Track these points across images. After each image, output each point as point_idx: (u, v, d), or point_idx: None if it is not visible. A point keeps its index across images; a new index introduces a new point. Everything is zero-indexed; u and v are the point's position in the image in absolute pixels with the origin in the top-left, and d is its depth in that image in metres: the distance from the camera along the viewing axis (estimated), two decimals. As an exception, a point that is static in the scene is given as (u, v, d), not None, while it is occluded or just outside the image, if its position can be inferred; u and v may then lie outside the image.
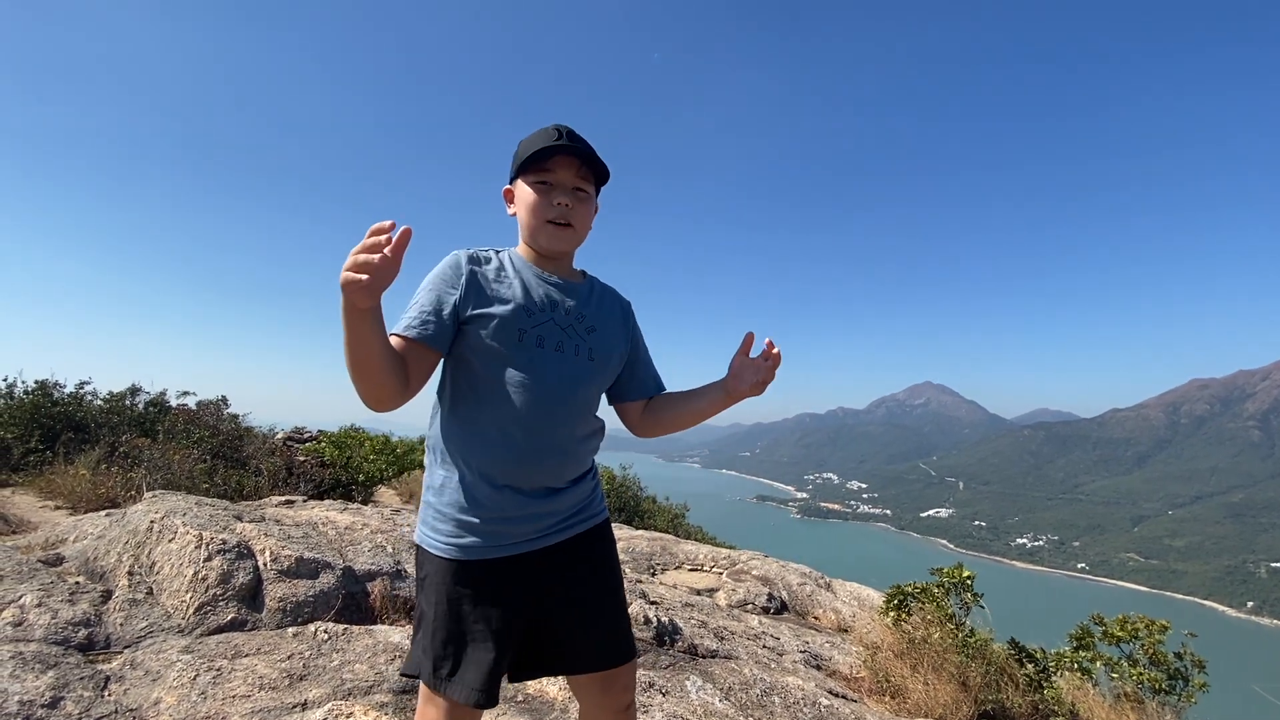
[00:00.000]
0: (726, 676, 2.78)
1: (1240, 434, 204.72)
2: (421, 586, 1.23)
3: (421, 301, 1.20)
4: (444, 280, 1.21)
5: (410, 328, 1.16)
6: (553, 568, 1.25)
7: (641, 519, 9.95)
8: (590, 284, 1.38)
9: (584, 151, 1.23)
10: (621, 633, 1.32)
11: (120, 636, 2.26)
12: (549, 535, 1.24)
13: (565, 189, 1.25)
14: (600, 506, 1.38)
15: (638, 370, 1.44)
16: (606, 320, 1.34)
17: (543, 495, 1.23)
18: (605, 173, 1.30)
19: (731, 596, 4.51)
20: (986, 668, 3.02)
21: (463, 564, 1.18)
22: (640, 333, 1.47)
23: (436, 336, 1.17)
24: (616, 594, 1.34)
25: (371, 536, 3.46)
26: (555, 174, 1.24)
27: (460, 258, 1.24)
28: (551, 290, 1.28)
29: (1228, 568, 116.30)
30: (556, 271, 1.32)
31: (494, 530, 1.19)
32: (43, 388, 6.59)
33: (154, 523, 2.80)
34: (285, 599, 2.62)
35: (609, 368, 1.33)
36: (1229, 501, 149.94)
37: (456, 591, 1.17)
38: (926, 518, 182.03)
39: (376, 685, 2.16)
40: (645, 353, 1.47)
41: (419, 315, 1.18)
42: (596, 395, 1.33)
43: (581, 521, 1.30)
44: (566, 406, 1.23)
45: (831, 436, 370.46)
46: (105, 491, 4.83)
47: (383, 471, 7.28)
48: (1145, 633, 3.40)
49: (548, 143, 1.22)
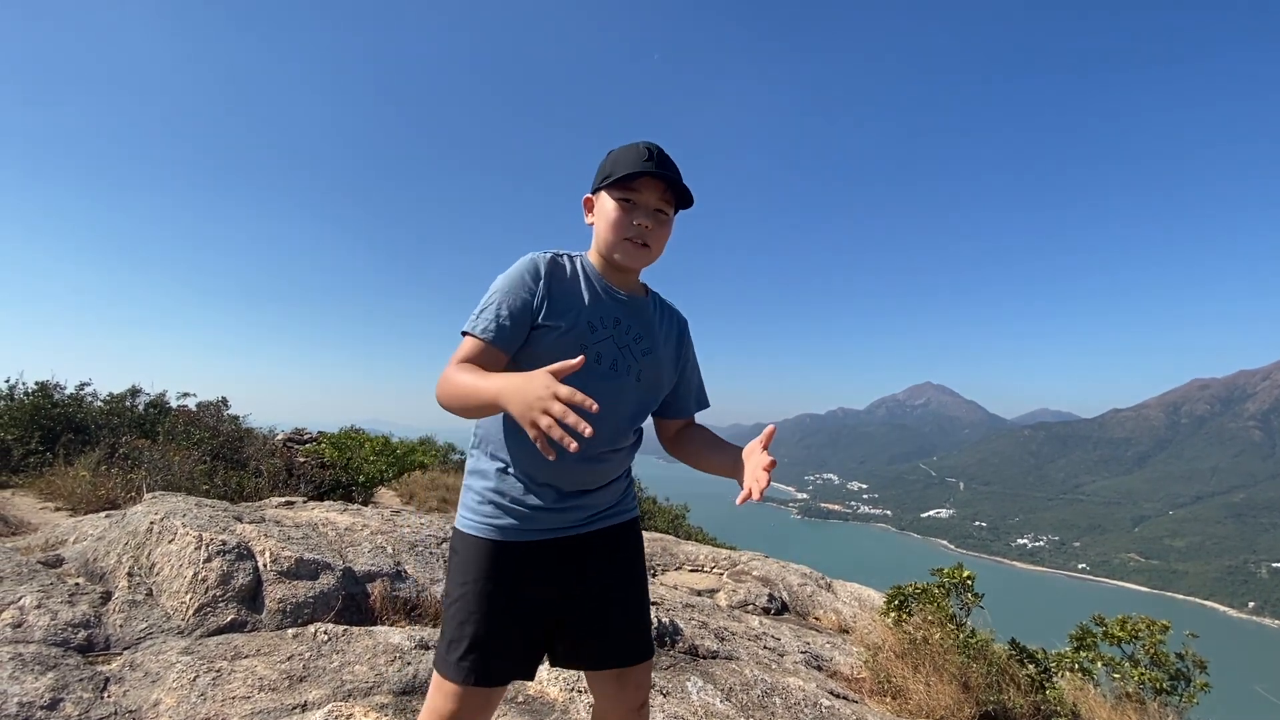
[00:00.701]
0: (727, 677, 2.78)
1: (1241, 434, 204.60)
2: (450, 570, 1.26)
3: (498, 303, 1.21)
4: (521, 284, 1.23)
5: (487, 331, 1.18)
6: (581, 556, 1.28)
7: (642, 520, 9.95)
8: (653, 301, 1.40)
9: (671, 178, 1.25)
10: (642, 629, 1.34)
11: (120, 638, 2.26)
12: (582, 526, 1.28)
13: (648, 210, 1.26)
14: (631, 504, 1.42)
15: (681, 391, 1.46)
16: (663, 343, 1.37)
17: (579, 494, 1.27)
18: (689, 200, 1.31)
19: (732, 597, 4.51)
20: (988, 668, 3.02)
21: (496, 544, 1.22)
22: (693, 353, 1.49)
23: (510, 341, 1.20)
24: (641, 590, 1.37)
25: (371, 538, 3.46)
26: (640, 194, 1.25)
27: (539, 262, 1.26)
28: (617, 307, 1.31)
29: (1229, 568, 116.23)
30: (623, 285, 1.34)
31: (530, 515, 1.23)
32: (43, 389, 6.59)
33: (154, 524, 2.80)
34: (285, 600, 2.61)
35: (657, 391, 1.37)
36: (1230, 501, 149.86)
37: (487, 569, 1.20)
38: (927, 518, 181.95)
39: (377, 686, 2.15)
40: (695, 373, 1.49)
41: (495, 319, 1.20)
42: (643, 414, 1.36)
43: (611, 516, 1.34)
44: (611, 425, 1.26)
45: (832, 437, 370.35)
46: (105, 493, 4.83)
47: (383, 473, 7.28)
48: (1146, 633, 3.40)
49: (638, 163, 1.23)
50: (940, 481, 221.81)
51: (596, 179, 1.31)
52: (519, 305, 1.21)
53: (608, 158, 1.30)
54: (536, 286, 1.23)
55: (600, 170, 1.31)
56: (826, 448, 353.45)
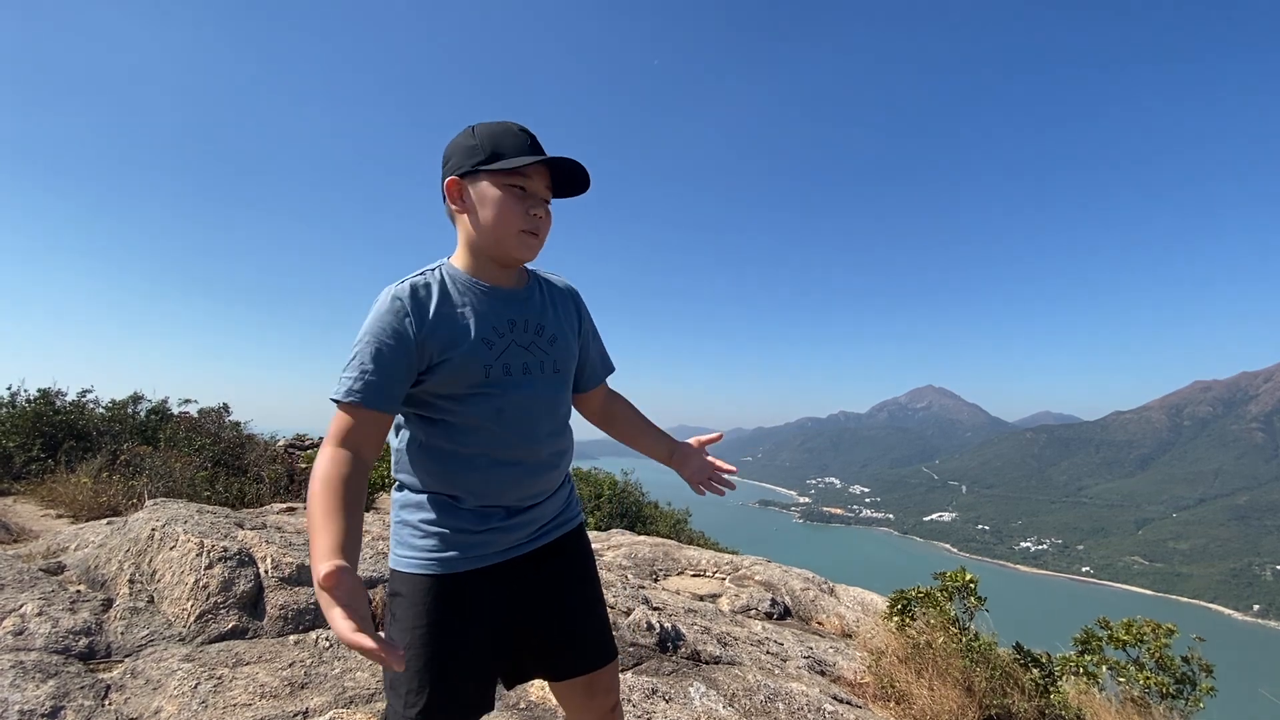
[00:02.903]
0: (730, 682, 2.77)
1: (1244, 436, 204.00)
2: (393, 617, 1.13)
3: (363, 359, 1.05)
4: (385, 331, 1.06)
5: (351, 394, 1.04)
6: (531, 573, 1.22)
7: (644, 525, 9.92)
8: (536, 284, 1.28)
9: (567, 168, 1.16)
10: (603, 633, 1.31)
11: (121, 645, 2.25)
12: (530, 542, 1.23)
13: (539, 200, 1.16)
14: (575, 511, 1.35)
15: (587, 361, 1.38)
16: (563, 324, 1.28)
17: (523, 510, 1.21)
18: (574, 189, 1.21)
19: (734, 602, 4.49)
20: (991, 672, 3.00)
21: (441, 579, 1.12)
22: (590, 320, 1.39)
23: (388, 400, 1.07)
24: (596, 594, 1.33)
25: (372, 544, 3.45)
26: (532, 180, 1.14)
27: (400, 300, 1.09)
28: (507, 308, 1.19)
29: (1233, 570, 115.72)
30: (504, 280, 1.21)
31: (475, 542, 1.15)
32: (45, 396, 6.60)
33: (155, 531, 2.79)
34: (286, 607, 2.61)
35: (570, 373, 1.30)
36: (1233, 504, 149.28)
37: (435, 609, 1.10)
38: (929, 522, 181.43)
39: (378, 693, 2.15)
40: (595, 340, 1.40)
41: (362, 378, 1.05)
42: (565, 404, 1.29)
43: (558, 527, 1.28)
44: (543, 428, 1.20)
45: (833, 441, 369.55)
46: (107, 500, 4.83)
47: (383, 479, 7.28)
48: (1151, 636, 3.38)
49: (523, 148, 1.12)
50: (942, 485, 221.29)
51: (462, 160, 1.13)
52: (388, 358, 1.06)
53: (474, 136, 1.13)
54: (405, 329, 1.07)
55: (466, 151, 1.13)
56: (828, 451, 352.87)
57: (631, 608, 3.39)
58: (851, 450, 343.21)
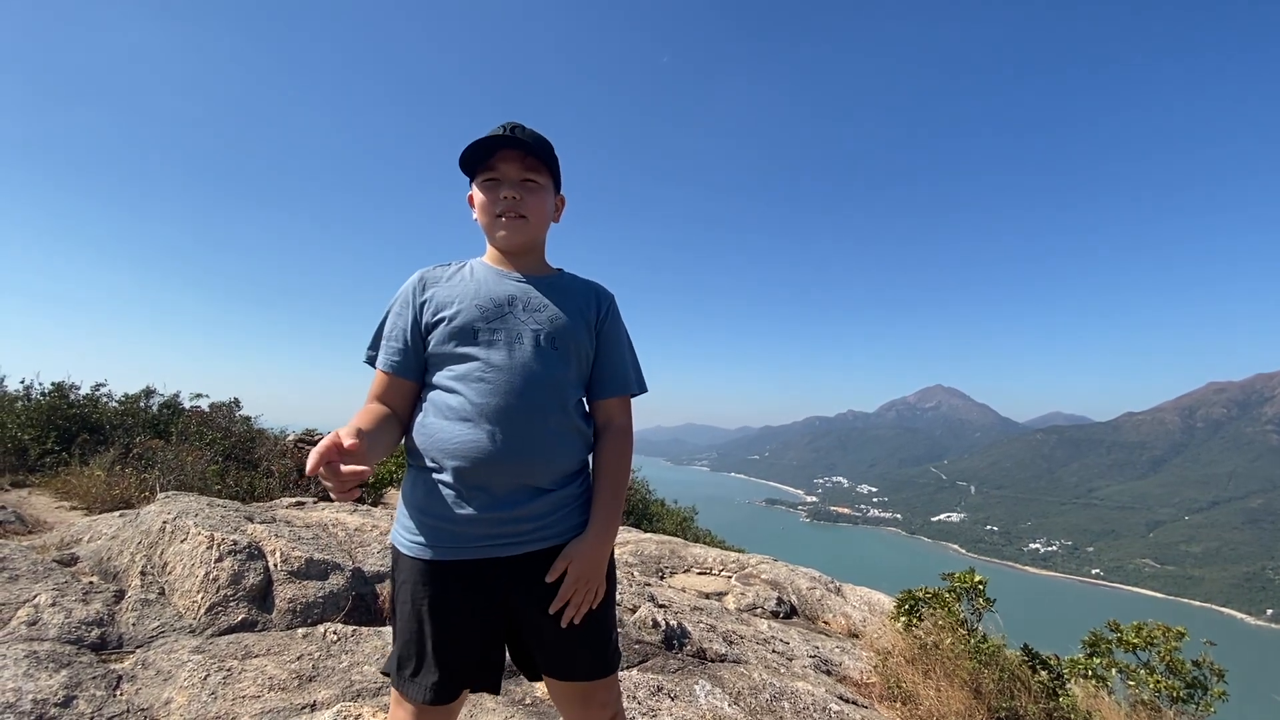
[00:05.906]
0: (735, 681, 2.76)
1: (1258, 438, 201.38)
2: (392, 582, 1.24)
3: (387, 328, 1.27)
4: (403, 302, 1.28)
5: (368, 356, 1.28)
6: (526, 577, 1.18)
7: (650, 522, 9.93)
8: (560, 276, 1.37)
9: (523, 141, 1.22)
10: (600, 650, 1.25)
11: (132, 636, 2.28)
12: (523, 543, 1.17)
13: (512, 182, 1.26)
14: (578, 527, 1.25)
15: (599, 368, 1.33)
16: (570, 307, 1.29)
17: (515, 500, 1.16)
18: (552, 160, 1.28)
19: (740, 600, 4.49)
20: (999, 674, 2.98)
21: (430, 564, 1.16)
22: (617, 329, 1.36)
23: (409, 366, 1.24)
24: (598, 610, 1.24)
25: (381, 538, 3.47)
26: (500, 169, 1.25)
27: (418, 274, 1.31)
28: (512, 286, 1.28)
29: (1246, 574, 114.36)
30: (521, 268, 1.32)
31: (463, 532, 1.15)
32: (59, 390, 6.68)
33: (166, 523, 2.82)
34: (295, 600, 2.63)
35: (576, 357, 1.26)
36: (1247, 507, 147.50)
37: (422, 591, 1.15)
38: (937, 522, 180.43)
39: (385, 687, 2.16)
40: (616, 349, 1.34)
41: (375, 344, 1.28)
42: (567, 386, 1.25)
43: (560, 534, 1.21)
44: (529, 397, 1.18)
45: (841, 440, 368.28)
46: (119, 492, 4.88)
47: (393, 473, 7.32)
48: (1162, 640, 3.34)
49: (491, 143, 1.23)
50: (951, 485, 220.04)
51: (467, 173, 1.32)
52: (403, 323, 1.25)
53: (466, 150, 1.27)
54: (417, 298, 1.26)
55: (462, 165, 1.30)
56: (836, 451, 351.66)
57: (637, 605, 3.40)
58: (859, 450, 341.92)
